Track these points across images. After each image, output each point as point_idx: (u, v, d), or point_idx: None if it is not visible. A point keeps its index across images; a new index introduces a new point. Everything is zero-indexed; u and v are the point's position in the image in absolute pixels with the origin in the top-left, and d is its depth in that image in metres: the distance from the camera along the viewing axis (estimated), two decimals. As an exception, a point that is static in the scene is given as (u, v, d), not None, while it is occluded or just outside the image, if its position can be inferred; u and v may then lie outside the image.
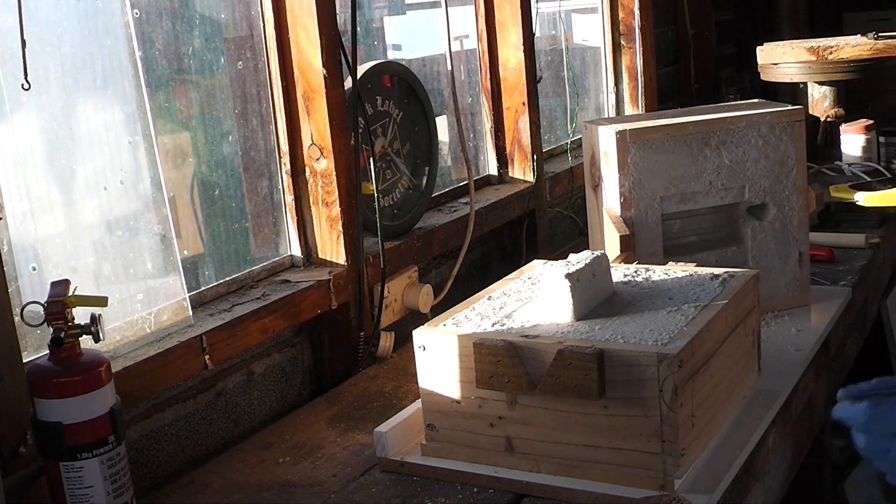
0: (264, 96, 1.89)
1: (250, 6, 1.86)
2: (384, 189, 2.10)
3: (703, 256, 1.90)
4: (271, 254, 1.93)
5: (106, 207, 1.57)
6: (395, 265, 2.05)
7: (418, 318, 2.06)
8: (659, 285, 1.56)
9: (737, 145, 1.84)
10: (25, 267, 1.44)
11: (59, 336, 1.23)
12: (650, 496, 1.27)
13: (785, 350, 1.76)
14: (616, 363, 1.28)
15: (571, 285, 1.42)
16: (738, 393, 1.52)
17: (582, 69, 3.29)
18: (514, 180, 2.61)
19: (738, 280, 1.54)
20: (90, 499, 1.25)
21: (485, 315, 1.48)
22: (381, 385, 1.83)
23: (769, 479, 1.59)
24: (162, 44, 1.70)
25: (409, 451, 1.47)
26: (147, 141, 1.60)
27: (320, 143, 1.87)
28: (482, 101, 2.61)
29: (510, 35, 2.55)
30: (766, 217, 1.89)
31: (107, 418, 1.25)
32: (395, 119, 2.14)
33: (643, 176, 1.81)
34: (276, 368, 1.85)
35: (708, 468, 1.37)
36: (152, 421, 1.59)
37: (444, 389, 1.42)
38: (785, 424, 1.62)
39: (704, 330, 1.36)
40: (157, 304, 1.61)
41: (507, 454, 1.39)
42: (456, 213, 2.31)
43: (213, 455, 1.65)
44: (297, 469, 1.52)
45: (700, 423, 1.36)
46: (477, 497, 1.37)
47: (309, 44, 1.84)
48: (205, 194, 1.81)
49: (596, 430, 1.32)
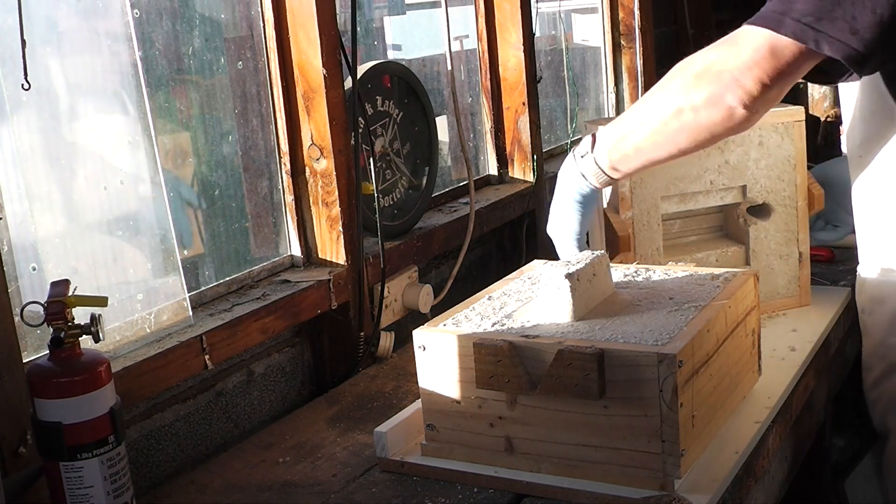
0: (264, 96, 1.89)
1: (250, 6, 1.86)
2: (384, 189, 2.10)
3: (703, 256, 1.90)
4: (271, 254, 1.93)
5: (106, 207, 1.57)
6: (395, 265, 2.05)
7: (418, 318, 2.06)
8: (659, 285, 1.56)
9: (737, 145, 1.84)
10: (25, 267, 1.44)
11: (59, 336, 1.23)
12: (650, 496, 1.27)
13: (785, 350, 1.76)
14: (616, 363, 1.28)
15: (571, 285, 1.42)
16: (738, 393, 1.52)
17: (582, 69, 3.29)
18: (514, 180, 2.61)
19: (738, 280, 1.54)
20: (90, 499, 1.24)
21: (485, 315, 1.48)
22: (381, 385, 1.83)
23: (769, 479, 1.59)
24: (162, 44, 1.70)
25: (409, 451, 1.47)
26: (147, 141, 1.60)
27: (320, 143, 1.87)
28: (482, 101, 2.61)
29: (510, 35, 2.55)
30: (766, 217, 1.89)
31: (107, 418, 1.25)
32: (395, 119, 2.14)
33: (644, 176, 1.81)
34: (276, 368, 1.85)
35: (708, 468, 1.37)
36: (152, 421, 1.59)
37: (444, 389, 1.42)
38: (785, 424, 1.62)
39: (704, 330, 1.36)
40: (157, 304, 1.61)
41: (507, 454, 1.39)
42: (456, 213, 2.31)
43: (213, 455, 1.65)
44: (297, 469, 1.52)
45: (700, 423, 1.36)
46: (477, 497, 1.37)
47: (309, 44, 1.84)
48: (205, 194, 1.81)
49: (596, 430, 1.32)
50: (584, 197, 1.62)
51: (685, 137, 1.45)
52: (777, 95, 1.38)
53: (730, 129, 1.41)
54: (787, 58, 1.34)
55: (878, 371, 1.60)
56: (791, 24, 1.32)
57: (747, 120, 1.40)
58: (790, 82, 1.38)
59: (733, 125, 1.40)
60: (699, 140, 1.45)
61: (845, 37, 1.31)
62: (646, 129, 1.49)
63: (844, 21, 1.30)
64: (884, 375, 1.59)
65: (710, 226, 1.99)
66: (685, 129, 1.44)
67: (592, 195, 1.61)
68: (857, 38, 1.31)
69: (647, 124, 1.49)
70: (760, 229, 1.89)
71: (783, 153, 1.86)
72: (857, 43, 1.31)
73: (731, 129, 1.41)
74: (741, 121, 1.39)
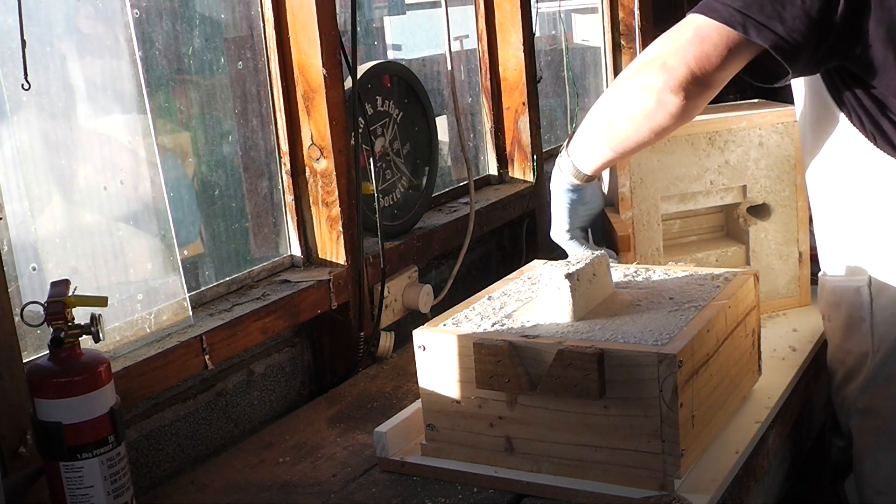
0: (264, 96, 1.89)
1: (250, 6, 1.86)
2: (384, 189, 2.10)
3: (703, 256, 1.90)
4: (271, 254, 1.93)
5: (106, 207, 1.57)
6: (395, 265, 2.05)
7: (418, 318, 2.06)
8: (659, 285, 1.56)
9: (737, 145, 1.84)
10: (25, 267, 1.44)
11: (59, 336, 1.23)
12: (650, 496, 1.27)
13: (785, 350, 1.76)
14: (616, 363, 1.28)
15: (571, 285, 1.42)
16: (738, 393, 1.52)
17: (582, 69, 3.29)
18: (514, 180, 2.61)
19: (738, 280, 1.54)
20: (90, 499, 1.24)
21: (485, 315, 1.48)
22: (381, 385, 1.83)
23: (769, 479, 1.59)
24: (162, 44, 1.70)
25: (409, 451, 1.47)
26: (147, 141, 1.60)
27: (320, 143, 1.87)
28: (482, 101, 2.61)
29: (510, 35, 2.55)
30: (766, 217, 1.89)
31: (107, 418, 1.25)
32: (395, 119, 2.14)
33: (644, 176, 1.81)
34: (276, 368, 1.85)
35: (708, 468, 1.37)
36: (152, 421, 1.59)
37: (444, 389, 1.42)
38: (785, 424, 1.62)
39: (704, 330, 1.36)
40: (157, 304, 1.61)
41: (507, 454, 1.39)
42: (456, 213, 2.31)
43: (213, 455, 1.65)
44: (297, 469, 1.52)
45: (700, 423, 1.36)
46: (477, 497, 1.37)
47: (309, 44, 1.84)
48: (205, 194, 1.81)
49: (596, 430, 1.32)
50: (568, 192, 1.67)
51: (627, 129, 1.48)
52: (710, 82, 1.39)
53: (666, 117, 1.43)
54: (713, 41, 1.37)
55: (839, 376, 1.61)
56: (721, 9, 1.36)
57: (681, 109, 1.41)
58: (722, 70, 1.39)
59: (667, 113, 1.42)
60: (640, 131, 1.47)
61: (772, 24, 1.34)
62: (597, 124, 1.54)
63: (773, 9, 1.34)
64: (844, 380, 1.60)
65: (710, 226, 1.99)
66: (627, 120, 1.47)
67: (577, 190, 1.65)
68: (785, 27, 1.34)
69: (598, 118, 1.54)
70: (760, 229, 1.90)
71: (783, 153, 1.86)
72: (784, 31, 1.34)
73: (668, 118, 1.43)
74: (674, 110, 1.41)
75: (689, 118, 1.45)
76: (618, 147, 1.53)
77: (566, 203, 1.68)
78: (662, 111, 1.42)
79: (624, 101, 1.47)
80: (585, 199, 1.69)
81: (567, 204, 1.68)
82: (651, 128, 1.46)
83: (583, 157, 1.61)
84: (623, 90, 1.48)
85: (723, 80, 1.41)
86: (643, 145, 1.53)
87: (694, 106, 1.42)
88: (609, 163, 1.62)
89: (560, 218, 1.70)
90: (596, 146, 1.57)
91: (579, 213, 1.69)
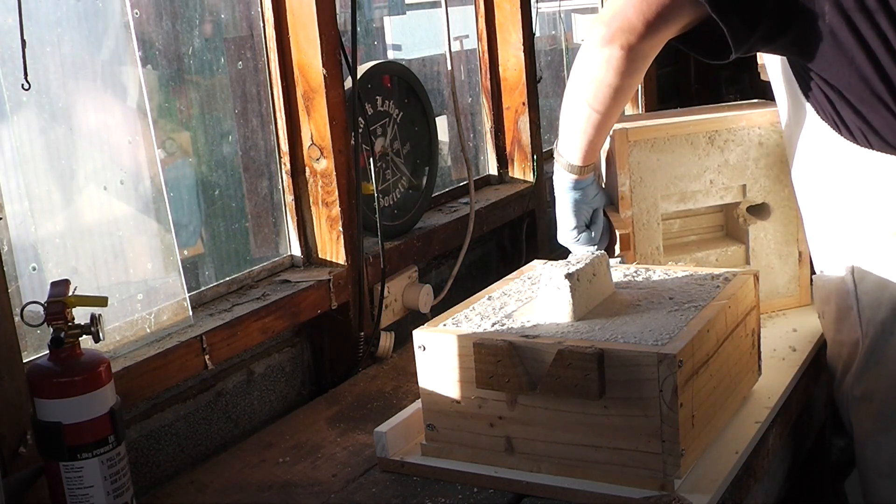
0: (264, 96, 1.89)
1: (250, 6, 1.86)
2: (384, 189, 2.10)
3: (703, 256, 1.90)
4: (271, 254, 1.93)
5: (106, 207, 1.57)
6: (395, 265, 2.06)
7: (418, 318, 2.06)
8: (659, 285, 1.56)
9: (737, 144, 1.84)
10: (25, 267, 1.44)
11: (59, 336, 1.23)
12: (650, 496, 1.27)
13: (785, 350, 1.76)
14: (616, 363, 1.28)
15: (571, 285, 1.42)
16: (738, 393, 1.52)
17: (582, 69, 3.29)
18: (514, 180, 2.61)
19: (738, 280, 1.54)
20: (90, 499, 1.24)
21: (485, 315, 1.48)
22: (381, 385, 1.83)
23: (769, 479, 1.59)
24: (162, 44, 1.70)
25: (409, 451, 1.47)
26: (147, 141, 1.60)
27: (320, 143, 1.87)
28: (482, 101, 2.61)
29: (510, 35, 2.55)
30: (766, 217, 1.89)
31: (107, 418, 1.25)
32: (395, 119, 2.14)
33: (643, 175, 1.81)
34: (276, 368, 1.85)
35: (708, 468, 1.37)
36: (152, 421, 1.59)
37: (444, 389, 1.42)
38: (785, 424, 1.62)
39: (704, 330, 1.36)
40: (157, 304, 1.61)
41: (507, 454, 1.39)
42: (456, 213, 2.31)
43: (213, 455, 1.65)
44: (297, 469, 1.52)
45: (700, 423, 1.36)
46: (477, 497, 1.37)
47: (309, 44, 1.84)
48: (205, 194, 1.81)
49: (596, 430, 1.32)
50: (570, 191, 1.69)
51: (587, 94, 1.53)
52: (649, 32, 1.42)
53: (610, 72, 1.47)
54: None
55: (839, 372, 1.61)
56: None
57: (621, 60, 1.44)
58: (662, 20, 1.42)
59: (610, 67, 1.46)
60: (600, 92, 1.51)
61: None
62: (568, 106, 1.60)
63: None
64: (842, 374, 1.60)
65: (710, 225, 1.99)
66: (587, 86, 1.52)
67: (579, 188, 1.67)
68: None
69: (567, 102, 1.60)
70: (760, 229, 1.90)
71: (783, 153, 1.86)
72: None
73: (612, 72, 1.46)
74: (616, 62, 1.45)
75: (635, 70, 1.48)
76: (591, 118, 1.57)
77: (569, 202, 1.69)
78: (606, 64, 1.46)
79: (578, 68, 1.53)
80: (588, 196, 1.70)
81: (570, 203, 1.69)
82: (607, 83, 1.49)
83: (569, 147, 1.65)
84: (577, 60, 1.54)
85: (663, 32, 1.44)
86: (612, 110, 1.55)
87: (635, 56, 1.45)
88: (592, 142, 1.63)
89: (565, 218, 1.70)
90: (573, 128, 1.61)
91: (583, 211, 1.70)
